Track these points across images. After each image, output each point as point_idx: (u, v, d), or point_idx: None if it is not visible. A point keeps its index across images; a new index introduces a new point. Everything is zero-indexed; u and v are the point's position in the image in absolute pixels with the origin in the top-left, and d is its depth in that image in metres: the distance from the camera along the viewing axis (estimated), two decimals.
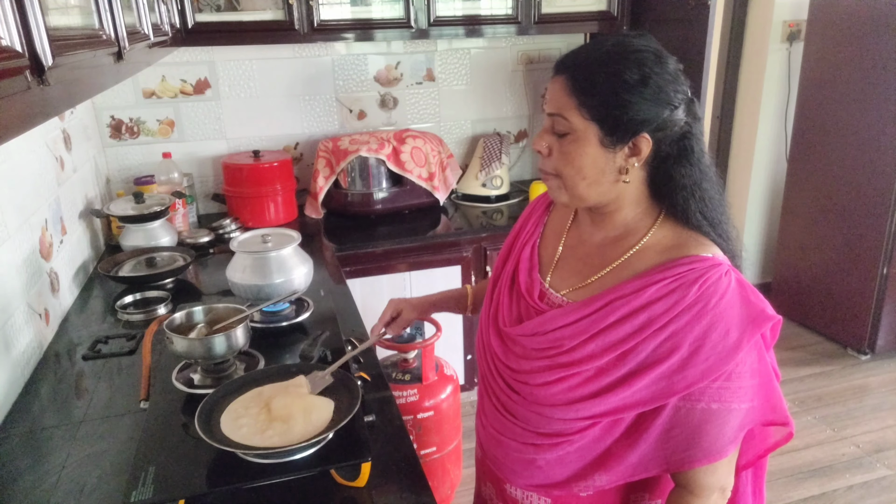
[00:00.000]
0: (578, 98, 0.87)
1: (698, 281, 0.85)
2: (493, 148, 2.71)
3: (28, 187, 1.61)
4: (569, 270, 1.01)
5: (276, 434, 1.00)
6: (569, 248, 1.03)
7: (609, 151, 0.88)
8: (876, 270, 2.96)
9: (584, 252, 1.00)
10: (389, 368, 2.01)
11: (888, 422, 2.69)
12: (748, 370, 0.87)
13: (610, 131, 0.86)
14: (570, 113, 0.87)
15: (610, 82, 0.85)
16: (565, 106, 0.88)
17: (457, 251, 2.44)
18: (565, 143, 0.89)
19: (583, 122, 0.87)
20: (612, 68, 0.86)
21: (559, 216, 1.08)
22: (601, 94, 0.86)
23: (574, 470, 0.96)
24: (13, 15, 0.63)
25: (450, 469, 2.09)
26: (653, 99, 0.85)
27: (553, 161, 0.92)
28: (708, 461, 0.88)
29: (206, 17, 2.23)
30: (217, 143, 2.60)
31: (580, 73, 0.87)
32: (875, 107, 2.86)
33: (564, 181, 0.92)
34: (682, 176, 0.90)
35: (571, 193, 0.92)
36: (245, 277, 1.50)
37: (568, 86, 0.88)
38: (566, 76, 0.88)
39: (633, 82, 0.85)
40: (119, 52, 1.09)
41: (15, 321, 1.41)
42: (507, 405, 1.00)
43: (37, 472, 1.11)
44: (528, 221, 1.12)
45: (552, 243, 1.06)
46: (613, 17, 2.59)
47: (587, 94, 0.86)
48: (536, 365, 0.94)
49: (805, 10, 3.17)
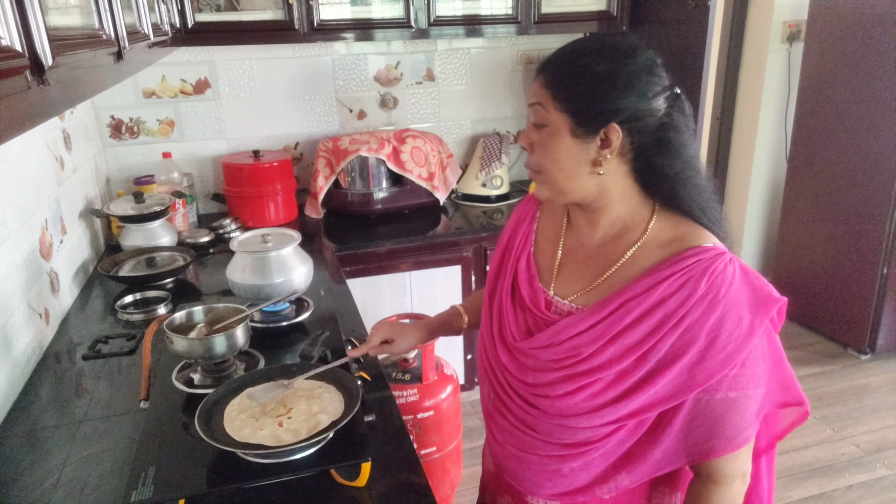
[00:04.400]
0: (552, 90, 0.89)
1: (706, 272, 0.86)
2: (492, 148, 2.71)
3: (28, 187, 1.61)
4: (572, 275, 1.00)
5: (277, 433, 1.00)
6: (568, 253, 1.02)
7: (581, 143, 0.89)
8: (876, 270, 2.96)
9: (585, 255, 0.99)
10: (389, 368, 2.01)
11: (888, 421, 2.69)
12: (760, 355, 0.88)
13: (580, 122, 0.88)
14: (546, 105, 0.90)
15: (580, 74, 0.88)
16: (542, 99, 0.90)
17: (457, 251, 2.44)
18: (543, 135, 0.91)
19: (557, 114, 0.89)
20: (583, 61, 0.88)
21: (550, 222, 1.07)
22: (571, 85, 0.88)
23: (598, 473, 0.96)
24: (13, 15, 0.63)
25: (450, 469, 2.09)
26: (623, 90, 0.86)
27: (535, 157, 0.93)
28: (731, 450, 0.89)
29: (206, 17, 2.23)
30: (217, 142, 2.60)
31: (554, 68, 0.90)
32: (875, 107, 2.86)
33: (545, 175, 0.93)
34: (665, 166, 0.90)
35: (552, 188, 0.93)
36: (245, 277, 1.50)
37: (544, 81, 0.90)
38: (544, 73, 0.91)
39: (602, 73, 0.87)
40: (119, 51, 1.09)
41: (15, 321, 1.41)
42: (525, 420, 0.98)
43: (37, 472, 1.11)
44: (517, 231, 1.09)
45: (548, 250, 1.04)
46: (613, 17, 2.59)
47: (559, 86, 0.89)
48: (554, 376, 0.93)
49: (805, 10, 3.17)
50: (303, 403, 1.08)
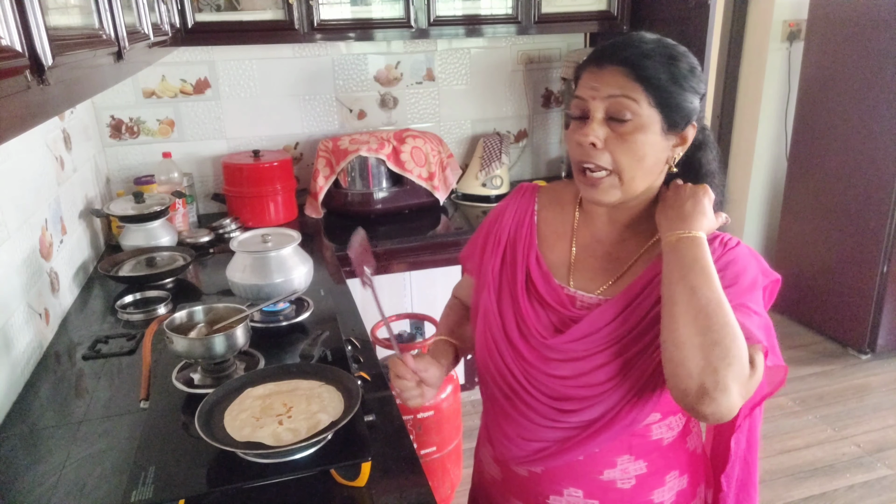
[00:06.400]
0: (645, 85, 0.87)
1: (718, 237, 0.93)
2: (492, 148, 2.71)
3: (28, 187, 1.61)
4: (592, 270, 0.99)
5: (277, 431, 1.00)
6: (583, 249, 1.01)
7: (665, 140, 0.90)
8: (876, 269, 2.96)
9: (604, 250, 0.99)
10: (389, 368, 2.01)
11: (889, 421, 2.69)
12: (760, 308, 0.91)
13: (671, 120, 0.89)
14: (638, 99, 0.87)
15: (669, 72, 0.88)
16: (632, 92, 0.87)
17: (457, 251, 2.43)
18: (626, 131, 0.88)
19: (649, 110, 0.87)
20: (668, 59, 0.89)
21: (555, 216, 1.05)
22: (663, 82, 0.87)
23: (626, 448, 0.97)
24: (13, 15, 0.63)
25: (450, 469, 2.09)
26: (697, 89, 0.90)
27: (608, 155, 0.89)
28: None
29: (205, 17, 2.23)
30: (217, 142, 2.60)
31: (640, 62, 0.88)
32: (875, 106, 2.86)
33: (622, 174, 0.89)
34: (708, 161, 0.96)
35: (627, 187, 0.90)
36: (245, 277, 1.50)
37: (629, 73, 0.87)
38: (623, 66, 0.88)
39: (687, 73, 0.89)
40: (119, 51, 1.09)
41: (15, 321, 1.41)
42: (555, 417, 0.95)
43: (37, 472, 1.11)
44: (520, 227, 1.05)
45: (557, 245, 1.03)
46: (613, 17, 2.59)
47: (650, 81, 0.87)
48: (598, 362, 0.92)
49: (805, 10, 3.17)
50: (303, 402, 1.08)
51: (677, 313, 0.83)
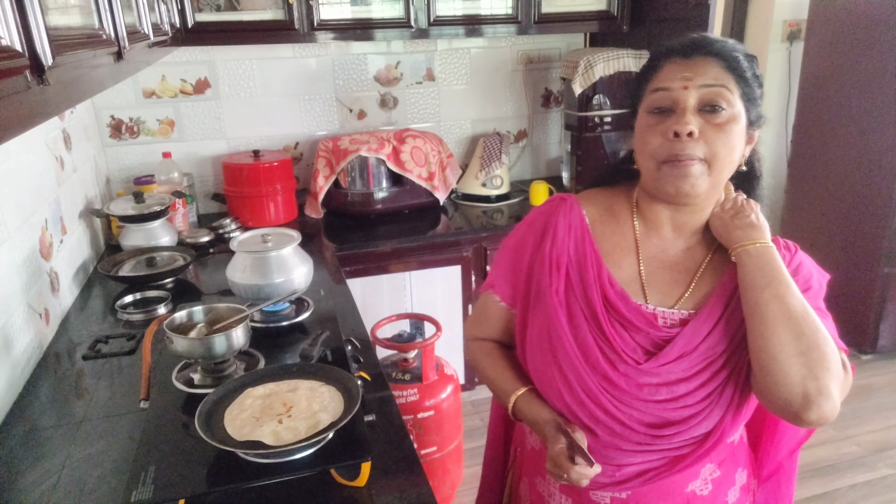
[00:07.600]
0: (736, 78, 0.88)
1: (778, 241, 0.93)
2: (493, 148, 2.71)
3: (28, 187, 1.61)
4: (664, 284, 0.95)
5: (277, 431, 1.00)
6: (650, 262, 0.96)
7: (746, 135, 0.91)
8: (878, 270, 2.96)
9: (670, 262, 0.96)
10: (389, 368, 2.01)
11: (891, 421, 2.69)
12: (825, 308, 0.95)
13: (752, 115, 0.91)
14: (733, 91, 0.88)
15: (752, 69, 0.90)
16: (728, 84, 0.88)
17: (457, 251, 2.43)
18: (721, 121, 0.86)
19: (739, 103, 0.88)
20: (748, 57, 0.90)
21: (612, 230, 0.99)
22: (748, 78, 0.89)
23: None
24: (13, 15, 0.63)
25: (450, 468, 2.09)
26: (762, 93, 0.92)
27: (704, 144, 0.86)
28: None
29: (205, 17, 2.23)
30: (217, 142, 2.60)
31: (731, 55, 0.89)
32: (875, 107, 2.86)
33: (714, 164, 0.87)
34: (761, 164, 0.99)
35: (716, 179, 0.89)
36: (245, 277, 1.50)
37: (723, 65, 0.88)
38: (716, 58, 0.88)
39: (759, 76, 0.92)
40: (119, 51, 1.09)
41: (15, 321, 1.41)
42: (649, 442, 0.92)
43: (37, 472, 1.11)
44: (581, 245, 0.97)
45: (624, 262, 0.97)
46: (613, 17, 2.59)
47: (740, 74, 0.88)
48: (698, 382, 0.90)
49: (805, 10, 3.17)
50: (303, 402, 1.08)
51: (769, 323, 0.84)
